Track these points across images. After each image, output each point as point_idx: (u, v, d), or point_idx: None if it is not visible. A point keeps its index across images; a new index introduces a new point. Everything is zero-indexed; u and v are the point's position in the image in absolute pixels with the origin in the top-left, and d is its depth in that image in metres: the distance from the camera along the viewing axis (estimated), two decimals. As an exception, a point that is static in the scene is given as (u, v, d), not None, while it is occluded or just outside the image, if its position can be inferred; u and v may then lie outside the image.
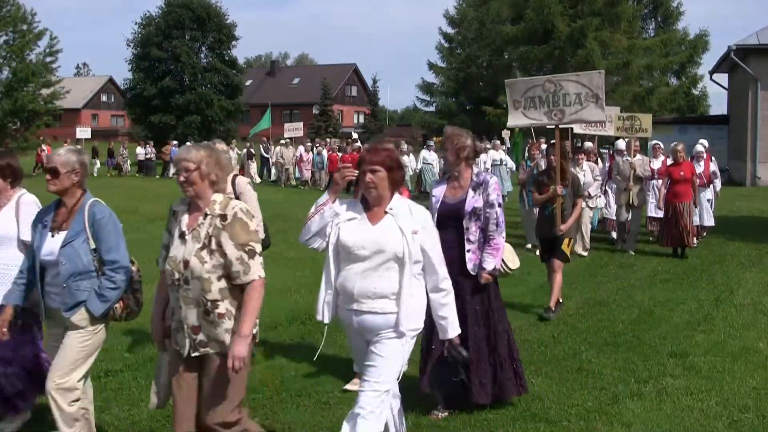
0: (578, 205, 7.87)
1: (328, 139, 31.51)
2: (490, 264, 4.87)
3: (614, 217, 12.46)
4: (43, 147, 31.86)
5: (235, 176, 5.71)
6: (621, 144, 12.30)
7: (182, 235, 3.55)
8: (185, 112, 43.44)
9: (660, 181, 12.11)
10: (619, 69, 33.44)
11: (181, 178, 3.53)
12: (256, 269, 3.50)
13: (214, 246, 3.47)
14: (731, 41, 25.15)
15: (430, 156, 21.62)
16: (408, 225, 3.59)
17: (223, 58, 46.16)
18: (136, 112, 45.48)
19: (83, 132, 35.47)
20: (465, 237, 4.85)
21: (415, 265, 3.61)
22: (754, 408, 5.04)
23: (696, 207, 11.59)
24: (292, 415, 4.99)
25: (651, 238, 12.63)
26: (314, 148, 26.60)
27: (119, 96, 64.27)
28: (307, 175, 26.47)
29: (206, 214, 3.52)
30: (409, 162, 22.14)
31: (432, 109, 50.71)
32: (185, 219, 3.58)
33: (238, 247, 3.46)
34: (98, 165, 33.13)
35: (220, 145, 5.71)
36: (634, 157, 11.76)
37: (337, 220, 3.66)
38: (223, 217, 3.50)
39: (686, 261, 10.97)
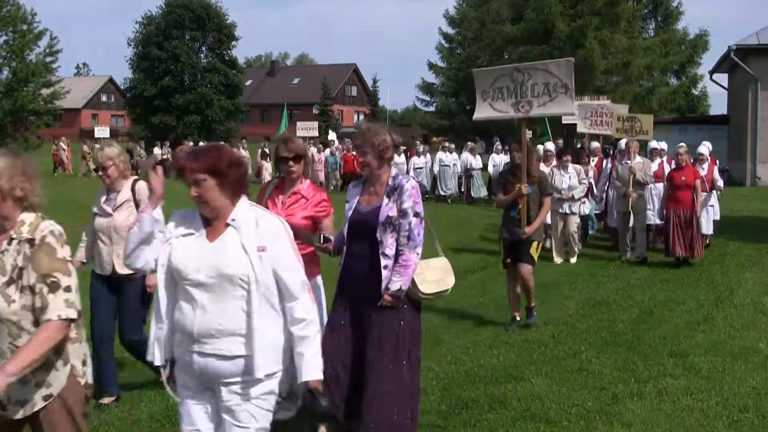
0: (545, 204, 7.29)
1: (346, 139, 31.54)
2: (395, 284, 4.16)
3: (615, 224, 11.63)
4: (63, 146, 31.70)
5: (135, 181, 5.17)
6: (623, 144, 11.71)
7: None
8: (185, 112, 43.56)
9: (656, 186, 11.36)
10: (619, 69, 33.44)
11: None
12: (56, 307, 2.77)
13: (25, 281, 2.81)
14: (731, 41, 25.17)
15: (447, 157, 21.52)
16: (252, 240, 2.85)
17: (223, 58, 46.30)
18: (137, 112, 45.61)
19: (102, 131, 35.28)
20: (380, 251, 4.18)
21: (267, 291, 2.88)
22: (754, 408, 5.03)
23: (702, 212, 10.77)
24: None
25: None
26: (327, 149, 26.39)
27: (119, 96, 64.40)
28: (321, 176, 26.44)
29: (12, 239, 2.86)
30: (424, 163, 21.95)
31: (432, 109, 50.69)
32: None
33: (39, 278, 2.79)
34: None
35: (110, 149, 5.06)
36: (634, 160, 10.93)
37: (168, 236, 2.96)
38: (32, 242, 2.84)
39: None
